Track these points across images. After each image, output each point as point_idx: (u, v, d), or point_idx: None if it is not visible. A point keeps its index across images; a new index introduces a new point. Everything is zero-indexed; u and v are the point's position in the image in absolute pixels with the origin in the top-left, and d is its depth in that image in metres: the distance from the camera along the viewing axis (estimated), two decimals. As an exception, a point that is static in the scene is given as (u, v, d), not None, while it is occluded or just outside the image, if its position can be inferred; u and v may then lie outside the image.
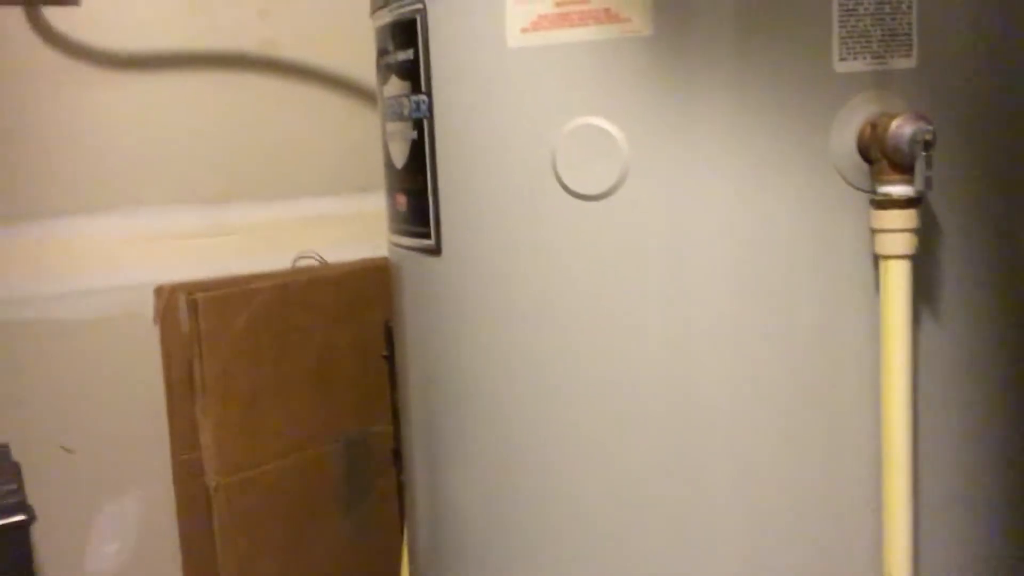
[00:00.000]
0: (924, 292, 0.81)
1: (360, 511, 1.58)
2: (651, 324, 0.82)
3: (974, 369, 0.86)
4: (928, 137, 0.73)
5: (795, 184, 0.79)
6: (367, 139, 1.06)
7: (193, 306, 1.38)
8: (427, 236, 0.94)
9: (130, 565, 1.53)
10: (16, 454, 1.29)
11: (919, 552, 0.82)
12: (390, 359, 1.17)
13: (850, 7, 0.76)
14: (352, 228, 1.64)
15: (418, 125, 0.92)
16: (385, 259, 1.10)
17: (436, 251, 0.93)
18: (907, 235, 0.75)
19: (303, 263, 1.61)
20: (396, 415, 1.17)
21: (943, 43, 0.80)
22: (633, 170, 0.80)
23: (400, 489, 1.21)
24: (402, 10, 0.93)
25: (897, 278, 0.75)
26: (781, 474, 0.82)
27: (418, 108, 0.92)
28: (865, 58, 0.77)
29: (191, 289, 1.43)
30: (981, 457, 0.88)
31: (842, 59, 0.77)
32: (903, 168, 0.74)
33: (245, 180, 1.60)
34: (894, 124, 0.73)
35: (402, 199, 0.98)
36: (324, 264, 1.62)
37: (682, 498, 0.83)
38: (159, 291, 1.48)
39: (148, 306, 1.48)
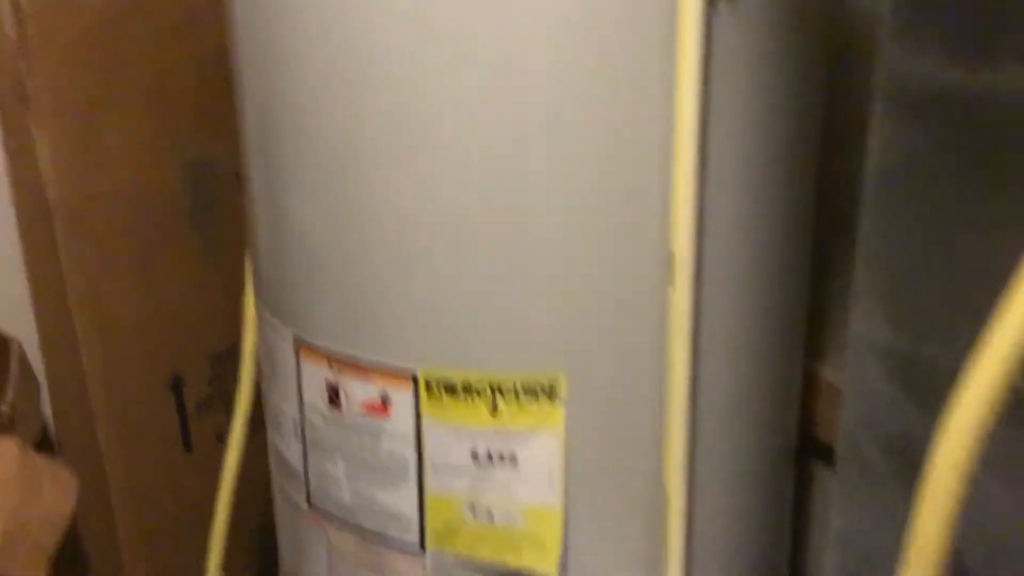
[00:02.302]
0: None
1: (209, 229, 1.62)
2: (479, 39, 0.86)
3: (764, 66, 0.94)
4: None
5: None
6: None
7: (18, 10, 1.32)
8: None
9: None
10: None
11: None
12: (229, 80, 1.17)
13: None
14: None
15: None
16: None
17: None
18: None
19: (135, -26, 1.54)
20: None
21: None
22: None
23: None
24: None
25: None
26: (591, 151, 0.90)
27: None
28: None
29: (15, -5, 1.36)
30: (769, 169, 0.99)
31: None
32: None
33: None
34: None
35: None
36: (158, -22, 1.55)
37: (509, 189, 0.90)
38: (-21, -3, 1.40)
39: (-32, 14, 1.40)
